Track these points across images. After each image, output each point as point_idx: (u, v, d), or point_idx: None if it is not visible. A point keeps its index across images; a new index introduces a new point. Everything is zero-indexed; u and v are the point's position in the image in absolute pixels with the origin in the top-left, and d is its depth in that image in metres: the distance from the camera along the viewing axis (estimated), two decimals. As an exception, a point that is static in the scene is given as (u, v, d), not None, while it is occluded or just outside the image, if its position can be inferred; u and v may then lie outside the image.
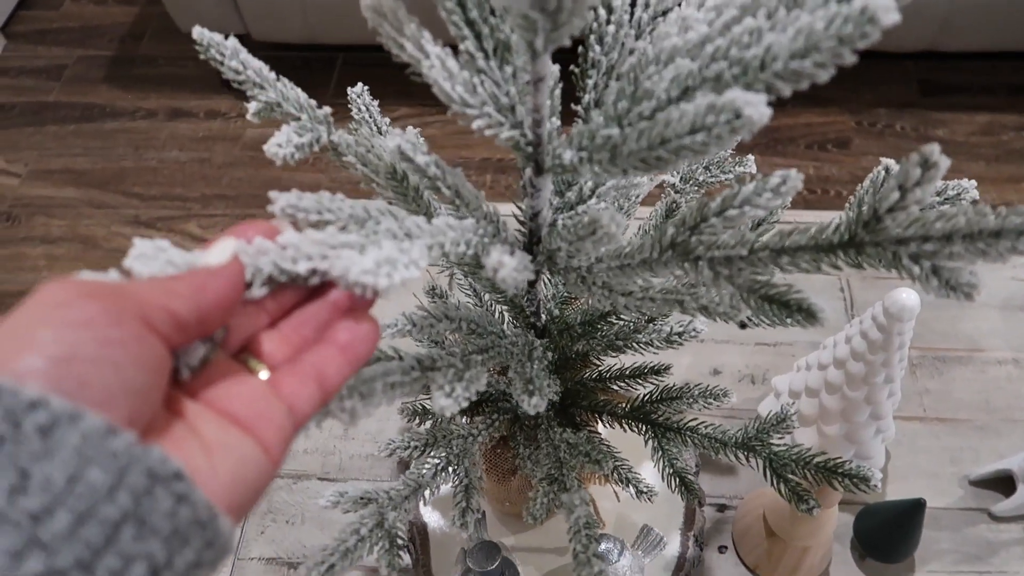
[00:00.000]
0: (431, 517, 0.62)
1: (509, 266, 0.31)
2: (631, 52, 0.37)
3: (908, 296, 0.53)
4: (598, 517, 0.59)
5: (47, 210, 1.60)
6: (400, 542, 0.39)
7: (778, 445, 0.42)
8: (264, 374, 0.26)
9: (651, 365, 0.51)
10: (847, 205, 0.35)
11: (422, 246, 0.29)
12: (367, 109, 0.47)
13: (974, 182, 0.40)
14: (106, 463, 0.19)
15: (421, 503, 0.62)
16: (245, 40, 1.78)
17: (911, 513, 0.58)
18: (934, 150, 0.27)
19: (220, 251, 0.25)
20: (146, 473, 0.20)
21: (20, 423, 0.18)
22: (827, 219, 0.31)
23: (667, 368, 0.50)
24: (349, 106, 0.47)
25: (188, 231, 1.56)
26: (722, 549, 0.64)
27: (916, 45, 1.57)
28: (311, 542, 0.66)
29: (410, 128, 0.48)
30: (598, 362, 0.53)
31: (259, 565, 0.64)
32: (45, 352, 0.19)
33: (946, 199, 0.41)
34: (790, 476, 0.40)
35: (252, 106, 0.38)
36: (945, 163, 0.27)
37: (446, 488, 0.63)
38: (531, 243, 0.38)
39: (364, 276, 0.25)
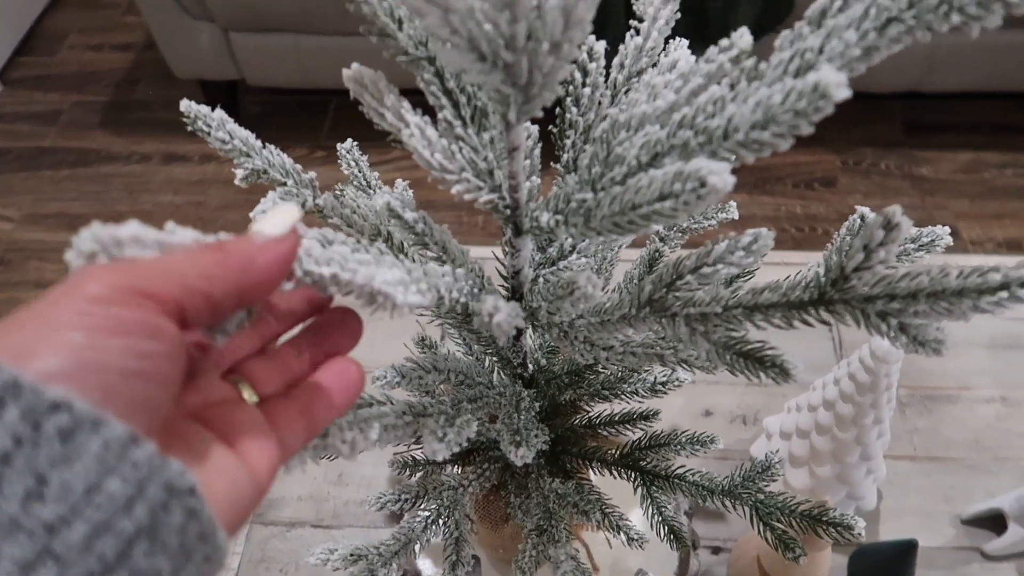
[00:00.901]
0: (424, 564, 0.62)
1: (504, 311, 0.31)
2: (604, 118, 0.38)
3: (890, 339, 0.54)
4: (592, 564, 0.58)
5: (41, 254, 1.61)
6: (388, 598, 0.39)
7: (764, 492, 0.42)
8: (253, 398, 0.26)
9: (640, 411, 0.51)
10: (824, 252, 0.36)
11: (423, 284, 0.30)
12: (356, 164, 0.49)
13: (947, 228, 0.41)
14: (127, 473, 0.18)
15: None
16: (240, 85, 1.81)
17: (904, 554, 0.58)
18: (896, 211, 0.28)
19: (281, 219, 0.24)
20: (164, 487, 0.19)
21: (40, 424, 0.17)
22: (812, 260, 0.32)
23: (655, 414, 0.50)
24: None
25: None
26: (716, 593, 0.64)
27: (901, 86, 1.60)
28: (303, 593, 0.65)
29: (399, 182, 0.49)
30: (587, 408, 0.53)
31: (250, 617, 0.64)
32: (75, 357, 0.18)
33: (921, 246, 0.42)
34: (776, 523, 0.41)
35: (239, 172, 0.39)
36: (907, 224, 0.28)
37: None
38: (513, 298, 0.39)
39: (386, 287, 0.26)
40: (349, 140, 0.48)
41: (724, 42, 0.30)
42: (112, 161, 1.79)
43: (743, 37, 0.30)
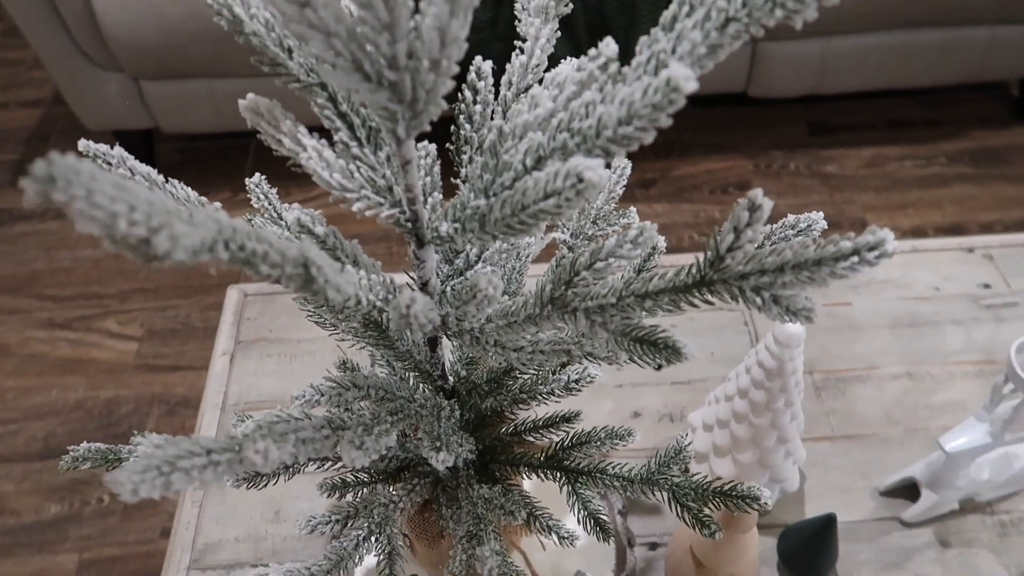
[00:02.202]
0: (366, 589, 0.62)
1: (420, 302, 0.33)
2: (491, 129, 0.40)
3: (795, 327, 0.57)
4: (532, 571, 0.60)
5: (-45, 321, 1.55)
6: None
7: (679, 477, 0.44)
8: None
9: (562, 414, 0.53)
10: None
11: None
12: (266, 197, 0.50)
13: (821, 213, 0.44)
14: None
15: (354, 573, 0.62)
16: (155, 133, 1.78)
17: (825, 528, 0.61)
18: (758, 195, 0.31)
19: None
20: None
21: None
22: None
23: (577, 415, 0.52)
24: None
25: (106, 328, 1.53)
26: (657, 587, 0.66)
27: (800, 90, 1.69)
28: (247, 633, 0.64)
29: (296, 206, 0.50)
30: (512, 417, 0.55)
31: (195, 664, 0.63)
32: None
33: (800, 231, 0.45)
34: (691, 504, 0.43)
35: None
36: (768, 205, 0.31)
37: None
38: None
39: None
40: (257, 175, 0.49)
41: (592, 51, 0.33)
42: (26, 219, 1.74)
43: (608, 46, 0.32)
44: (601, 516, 0.45)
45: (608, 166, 0.28)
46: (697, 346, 0.83)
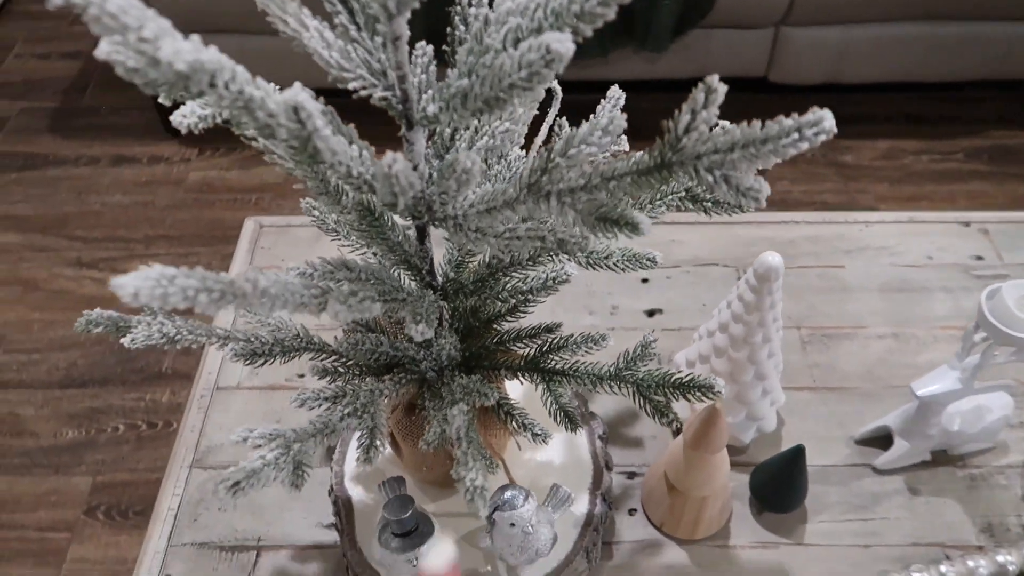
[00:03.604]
0: (355, 491, 0.65)
1: (401, 162, 0.36)
2: (477, 18, 0.43)
3: (773, 258, 0.60)
4: (509, 477, 0.63)
5: (-13, 256, 1.61)
6: (306, 469, 0.43)
7: (643, 372, 0.47)
8: None
9: (545, 324, 0.56)
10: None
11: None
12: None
13: (829, 112, 0.46)
14: None
15: (345, 479, 0.66)
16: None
17: (794, 460, 0.64)
18: (714, 80, 0.34)
19: (441, 559, 0.24)
20: None
21: None
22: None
23: (558, 326, 0.55)
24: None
25: (130, 270, 1.58)
26: (632, 512, 0.69)
27: (819, 77, 1.70)
28: (242, 526, 0.69)
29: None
30: (498, 327, 0.58)
31: (192, 550, 0.67)
32: None
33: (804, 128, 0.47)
34: (654, 396, 0.46)
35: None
36: (723, 88, 0.34)
37: (364, 466, 0.67)
38: (415, 204, 0.44)
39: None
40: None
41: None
42: (60, 164, 1.80)
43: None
44: (570, 409, 0.48)
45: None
46: (690, 297, 0.86)
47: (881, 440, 0.73)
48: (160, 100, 0.48)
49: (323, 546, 0.67)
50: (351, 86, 0.39)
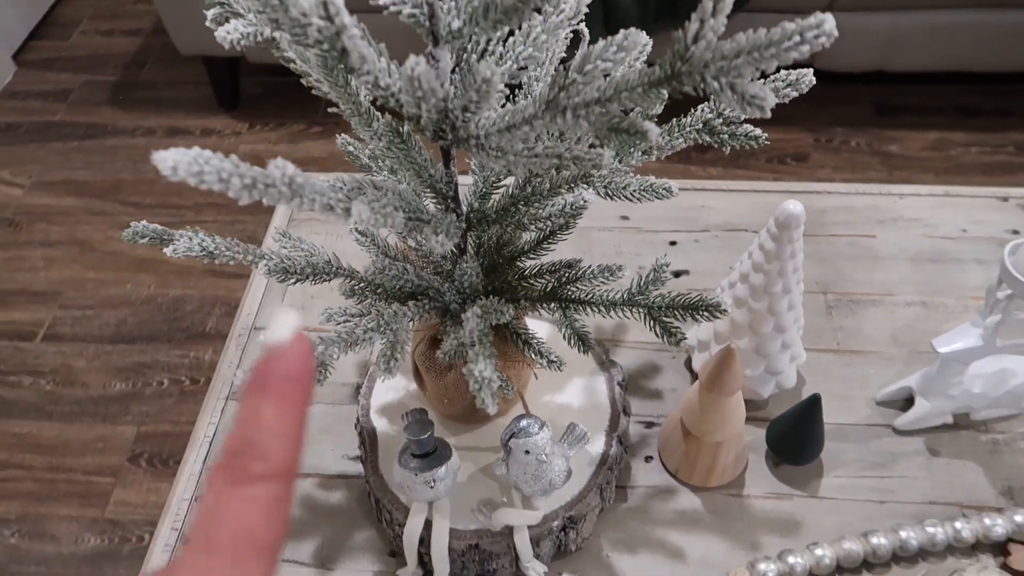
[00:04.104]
0: (379, 423, 0.68)
1: (423, 66, 0.38)
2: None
3: (795, 206, 0.61)
4: (527, 409, 0.65)
5: (47, 217, 1.69)
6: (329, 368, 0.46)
7: (655, 296, 0.49)
8: None
9: (565, 260, 0.58)
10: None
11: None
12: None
13: (831, 16, 0.48)
14: None
15: (371, 411, 0.69)
16: (241, 65, 1.89)
17: (810, 409, 0.65)
18: (722, -13, 0.35)
19: (283, 328, 0.24)
20: None
21: None
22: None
23: (578, 261, 0.57)
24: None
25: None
26: (648, 459, 0.71)
27: (867, 65, 1.68)
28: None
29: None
30: (521, 264, 0.60)
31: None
32: None
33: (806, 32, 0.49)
34: (664, 319, 0.47)
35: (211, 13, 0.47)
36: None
37: (388, 397, 0.70)
38: (439, 120, 0.46)
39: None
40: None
41: None
42: (118, 134, 1.88)
43: None
44: (584, 331, 0.50)
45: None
46: (717, 261, 0.87)
47: (903, 403, 0.73)
48: (207, 22, 0.52)
49: (348, 476, 0.70)
50: (381, 2, 0.41)
